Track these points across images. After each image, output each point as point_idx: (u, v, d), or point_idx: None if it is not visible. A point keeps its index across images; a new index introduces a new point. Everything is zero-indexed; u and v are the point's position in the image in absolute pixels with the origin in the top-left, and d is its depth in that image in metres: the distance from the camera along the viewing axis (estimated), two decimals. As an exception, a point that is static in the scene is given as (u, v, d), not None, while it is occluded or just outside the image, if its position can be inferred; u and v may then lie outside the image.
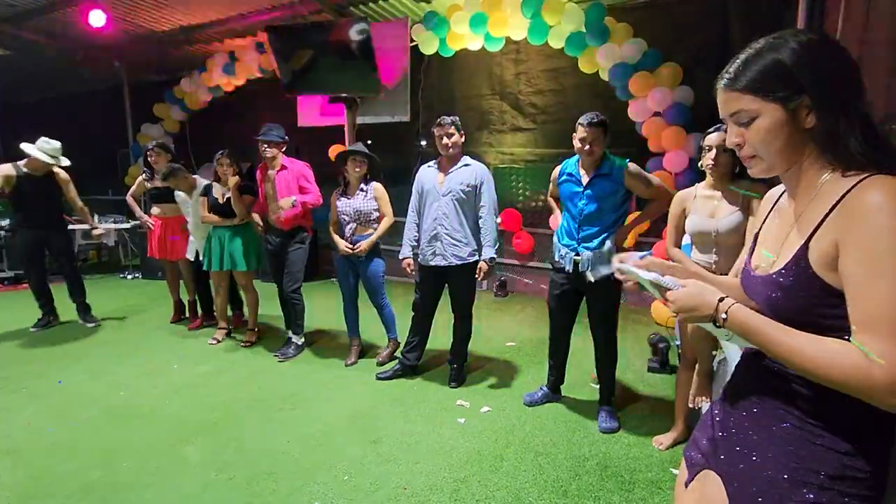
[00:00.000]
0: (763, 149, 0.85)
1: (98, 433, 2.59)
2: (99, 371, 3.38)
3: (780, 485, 0.85)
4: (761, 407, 0.92)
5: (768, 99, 0.82)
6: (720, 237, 2.09)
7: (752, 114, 0.84)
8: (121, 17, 5.40)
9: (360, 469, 2.28)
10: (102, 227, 6.18)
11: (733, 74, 0.86)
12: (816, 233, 0.81)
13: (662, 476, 2.22)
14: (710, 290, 0.89)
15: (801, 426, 0.85)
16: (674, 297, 0.91)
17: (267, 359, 3.61)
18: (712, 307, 0.86)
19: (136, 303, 5.15)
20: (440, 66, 5.73)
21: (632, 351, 3.71)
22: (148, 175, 4.19)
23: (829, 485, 0.81)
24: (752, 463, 0.90)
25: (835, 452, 0.81)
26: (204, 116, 7.01)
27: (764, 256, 0.93)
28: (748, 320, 0.83)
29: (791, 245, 0.86)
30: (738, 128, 0.87)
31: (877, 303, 0.72)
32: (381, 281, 3.39)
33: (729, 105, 0.87)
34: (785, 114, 0.81)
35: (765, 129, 0.83)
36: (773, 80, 0.81)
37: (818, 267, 0.80)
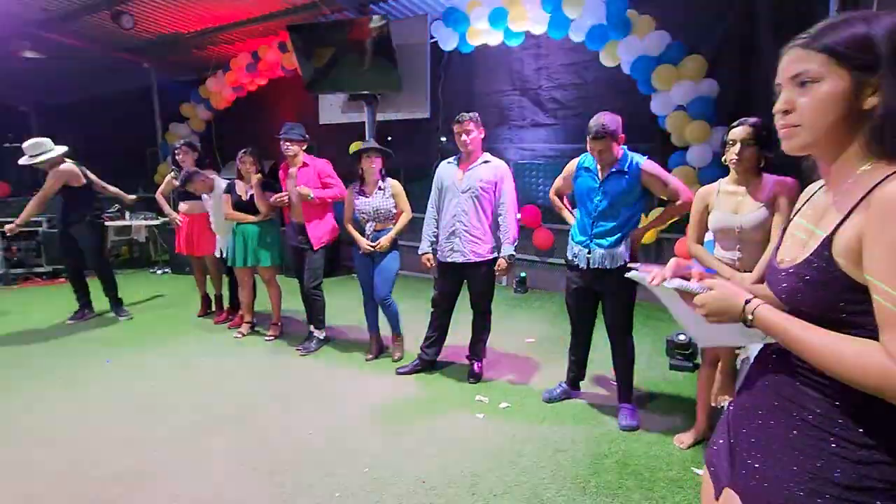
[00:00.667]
0: (812, 118, 0.80)
1: (128, 422, 2.69)
2: (129, 362, 3.51)
3: (796, 497, 0.82)
4: (773, 415, 0.90)
5: (840, 64, 0.77)
6: (744, 233, 2.05)
7: (817, 76, 0.78)
8: (149, 20, 5.56)
9: (380, 461, 2.32)
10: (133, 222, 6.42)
11: (814, 34, 0.80)
12: (842, 225, 0.78)
13: (684, 475, 2.19)
14: (737, 291, 0.88)
15: (813, 434, 0.83)
16: (702, 300, 0.91)
17: (289, 353, 3.69)
18: (739, 308, 0.86)
19: (165, 297, 5.32)
20: (460, 62, 5.72)
21: (653, 348, 3.66)
22: (176, 173, 4.31)
23: (846, 496, 0.78)
24: (766, 475, 0.88)
25: (849, 462, 0.79)
26: (229, 115, 7.17)
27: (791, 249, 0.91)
28: (775, 320, 0.82)
29: (818, 237, 0.83)
30: (793, 92, 0.82)
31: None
32: (394, 277, 3.42)
33: (795, 65, 0.81)
34: (850, 85, 0.77)
35: (822, 95, 0.78)
36: (853, 48, 0.76)
37: (841, 260, 0.78)
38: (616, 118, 2.40)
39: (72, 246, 4.29)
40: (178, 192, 4.35)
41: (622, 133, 2.42)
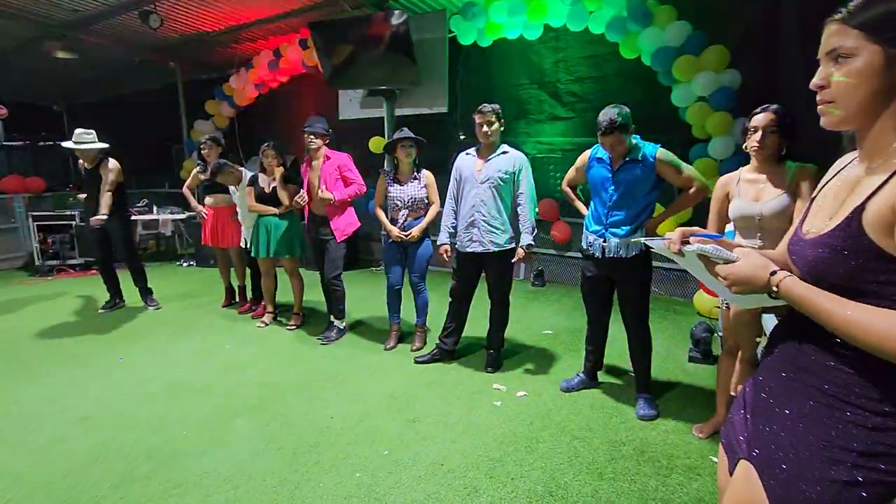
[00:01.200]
0: (846, 94, 0.81)
1: (158, 405, 2.80)
2: (158, 350, 3.64)
3: (813, 466, 0.84)
4: (790, 384, 0.91)
5: (873, 39, 0.78)
6: (764, 221, 2.03)
7: (851, 51, 0.80)
8: (175, 20, 5.71)
9: (398, 445, 2.37)
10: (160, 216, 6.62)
11: (853, 9, 0.81)
12: (875, 195, 0.79)
13: (701, 463, 2.19)
14: (764, 262, 0.89)
15: (828, 403, 0.84)
16: (728, 270, 0.92)
17: (310, 342, 3.78)
18: (765, 279, 0.87)
19: (191, 288, 5.48)
20: (478, 56, 5.74)
21: (672, 341, 3.64)
22: (202, 168, 4.44)
23: (861, 462, 0.80)
24: (782, 446, 0.89)
25: (864, 429, 0.80)
26: (251, 112, 7.32)
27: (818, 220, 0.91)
28: (801, 291, 0.83)
29: (848, 207, 0.84)
30: (829, 67, 0.83)
31: None
32: (426, 264, 3.48)
33: (832, 39, 0.82)
34: (884, 59, 0.77)
35: (857, 69, 0.79)
36: (887, 23, 0.77)
37: (871, 229, 0.78)
38: (624, 109, 2.36)
39: (104, 239, 4.45)
40: (203, 186, 4.48)
41: (632, 123, 2.41)
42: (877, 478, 0.80)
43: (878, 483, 0.80)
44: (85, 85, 8.40)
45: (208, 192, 4.44)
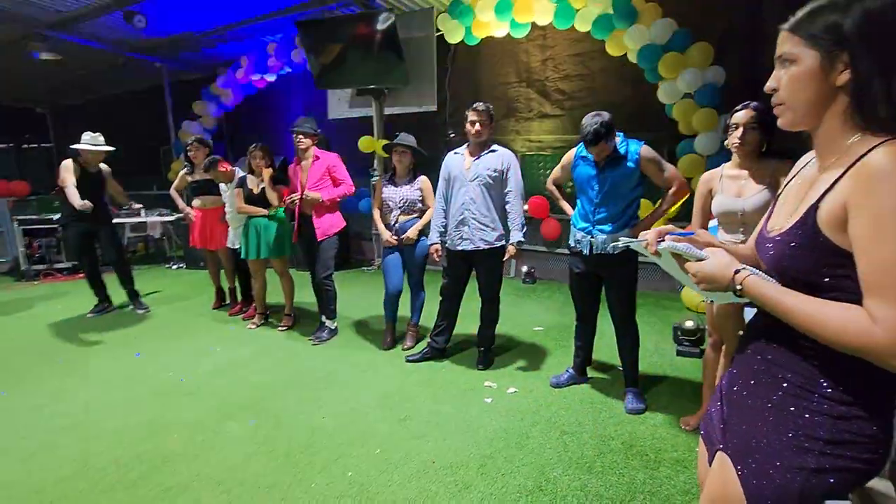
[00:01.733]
0: (791, 96, 0.86)
1: (148, 409, 2.79)
2: (148, 353, 3.62)
3: (782, 455, 0.87)
4: (760, 375, 0.95)
5: (809, 44, 0.83)
6: (747, 216, 2.07)
7: (792, 57, 0.85)
8: (160, 20, 5.66)
9: (390, 444, 2.39)
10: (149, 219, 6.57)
11: (797, 19, 0.86)
12: (828, 194, 0.82)
13: (688, 455, 2.23)
14: (729, 261, 0.92)
15: (795, 393, 0.87)
16: (696, 268, 0.95)
17: (302, 342, 3.78)
18: (729, 277, 0.90)
19: (181, 291, 5.45)
20: (466, 54, 5.75)
21: (660, 336, 3.68)
22: (189, 169, 4.42)
23: (828, 450, 0.83)
24: (755, 436, 0.92)
25: (830, 417, 0.83)
26: (239, 112, 7.29)
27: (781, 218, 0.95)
28: (763, 289, 0.86)
29: (805, 205, 0.87)
30: (779, 72, 0.88)
31: (878, 266, 0.74)
32: (424, 263, 3.50)
33: (780, 46, 0.88)
34: (819, 63, 0.82)
35: (797, 75, 0.84)
36: (823, 30, 0.81)
37: (825, 227, 0.81)
38: (605, 116, 2.35)
39: (89, 244, 4.42)
40: (191, 188, 4.45)
41: (614, 125, 2.41)
42: (843, 465, 0.83)
43: (844, 470, 0.83)
44: (69, 86, 8.29)
45: (196, 193, 4.42)
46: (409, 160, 3.41)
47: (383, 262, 3.56)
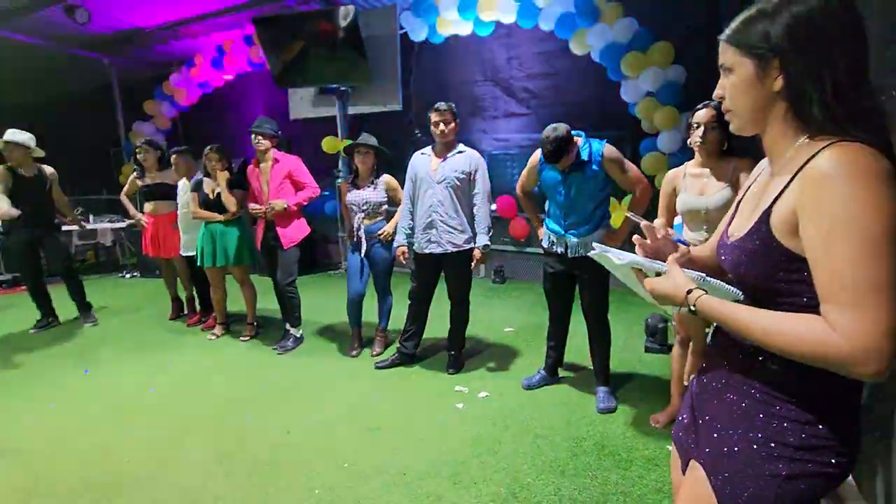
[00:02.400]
0: (735, 104, 0.88)
1: (98, 430, 2.61)
2: (99, 369, 3.40)
3: (755, 462, 0.86)
4: (728, 383, 0.94)
5: (744, 53, 0.84)
6: (710, 214, 2.09)
7: (731, 66, 0.86)
8: (106, 15, 5.35)
9: (359, 456, 2.30)
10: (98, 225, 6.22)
11: (732, 29, 0.87)
12: (779, 198, 0.81)
13: (659, 453, 2.24)
14: (682, 282, 0.90)
15: (764, 400, 0.87)
16: (650, 286, 0.95)
17: (266, 352, 3.63)
18: (681, 299, 0.89)
19: (135, 301, 5.16)
20: (431, 53, 5.68)
21: (629, 332, 3.72)
22: (139, 173, 4.19)
23: (798, 456, 0.82)
24: (726, 443, 0.91)
25: (798, 423, 0.83)
26: (196, 112, 6.98)
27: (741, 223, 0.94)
28: (716, 308, 0.85)
29: (757, 212, 0.87)
30: (723, 80, 0.89)
31: (832, 272, 0.73)
32: (391, 267, 3.41)
33: (720, 56, 0.89)
34: (755, 71, 0.83)
35: (735, 83, 0.86)
36: (756, 41, 0.82)
37: (778, 232, 0.81)
38: (561, 128, 2.32)
39: (31, 253, 4.13)
40: (142, 193, 4.23)
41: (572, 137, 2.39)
42: (814, 470, 0.82)
43: (815, 475, 0.83)
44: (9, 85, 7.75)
45: (148, 198, 4.19)
46: (371, 161, 3.31)
47: (347, 266, 3.46)
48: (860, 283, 0.70)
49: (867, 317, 0.69)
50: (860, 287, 0.70)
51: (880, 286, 0.69)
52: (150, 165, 4.13)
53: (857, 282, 0.70)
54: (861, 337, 0.70)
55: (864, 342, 0.69)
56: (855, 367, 0.71)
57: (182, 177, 3.97)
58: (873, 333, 0.69)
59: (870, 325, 0.69)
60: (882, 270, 0.69)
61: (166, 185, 4.15)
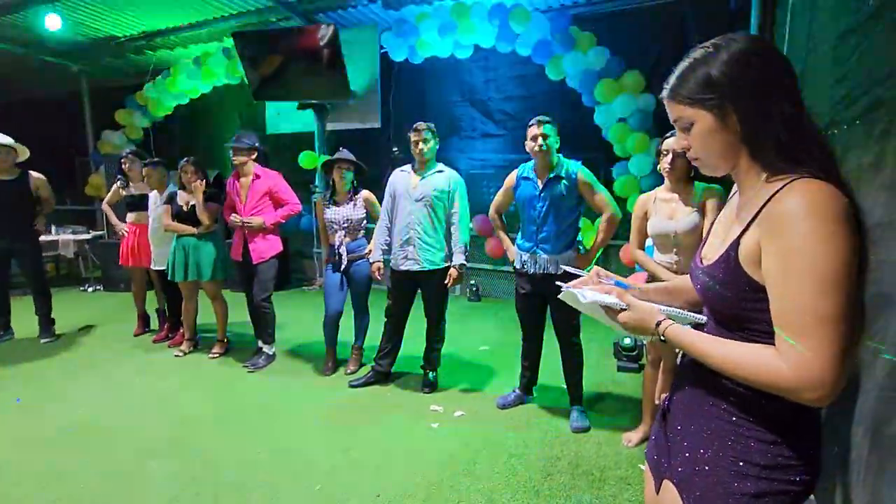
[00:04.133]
0: (702, 152, 0.90)
1: (54, 454, 2.47)
2: (56, 389, 3.23)
3: (725, 482, 0.89)
4: (699, 403, 0.97)
5: (700, 107, 0.86)
6: (679, 238, 2.16)
7: (690, 120, 0.88)
8: (79, 21, 5.24)
9: (331, 478, 2.25)
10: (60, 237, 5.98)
11: (671, 86, 0.90)
12: (746, 231, 0.86)
13: (631, 472, 2.26)
14: (650, 312, 0.97)
15: (732, 421, 0.90)
16: (623, 318, 1.00)
17: (236, 370, 3.53)
18: (651, 330, 0.95)
19: (98, 316, 4.95)
20: (411, 72, 5.75)
21: (601, 352, 3.77)
22: (123, 183, 4.13)
23: (765, 475, 0.86)
24: (698, 464, 0.94)
25: (764, 444, 0.86)
26: (170, 124, 6.85)
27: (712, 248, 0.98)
28: (683, 338, 0.91)
29: (727, 241, 0.91)
30: (683, 133, 0.92)
31: (785, 304, 0.78)
32: (370, 285, 3.38)
33: (672, 114, 0.92)
34: (716, 121, 0.86)
35: (700, 134, 0.88)
36: (703, 91, 0.85)
37: (744, 262, 0.85)
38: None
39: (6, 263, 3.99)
40: (126, 203, 4.16)
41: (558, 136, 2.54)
42: (780, 488, 0.86)
43: (781, 493, 0.86)
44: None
45: (131, 209, 4.13)
46: (351, 177, 3.30)
47: (325, 283, 3.42)
48: (809, 315, 0.75)
49: (813, 346, 0.74)
50: (808, 318, 0.75)
51: (826, 319, 0.74)
52: (136, 176, 4.06)
53: (806, 313, 0.75)
54: (805, 365, 0.75)
55: (808, 371, 0.75)
56: (800, 393, 0.76)
57: (154, 189, 3.89)
58: (817, 362, 0.74)
59: (814, 355, 0.74)
60: (830, 305, 0.74)
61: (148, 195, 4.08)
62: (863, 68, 1.58)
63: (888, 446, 1.29)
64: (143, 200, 4.02)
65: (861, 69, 1.59)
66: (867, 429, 1.40)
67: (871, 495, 1.36)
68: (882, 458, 1.31)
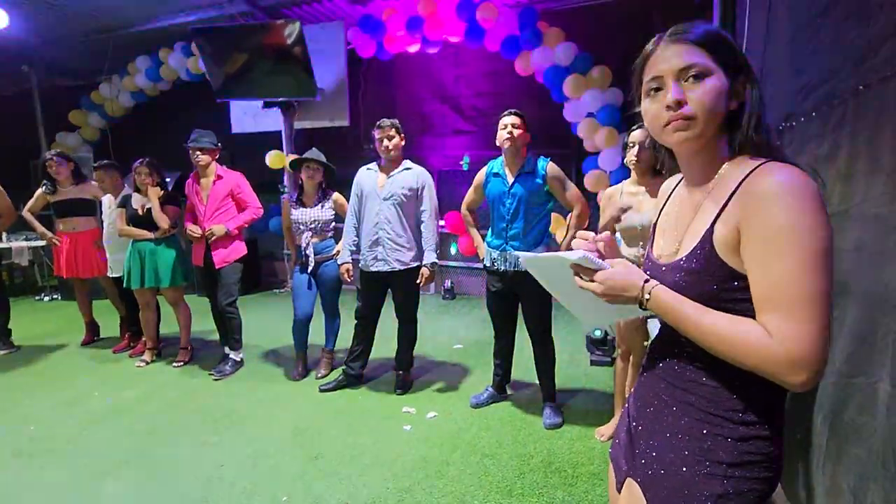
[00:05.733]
0: (702, 109, 0.81)
1: (5, 472, 2.32)
2: (4, 404, 3.05)
3: (691, 482, 0.86)
4: (664, 402, 0.94)
5: (719, 62, 0.82)
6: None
7: (707, 70, 0.81)
8: (26, 18, 4.96)
9: (299, 487, 2.17)
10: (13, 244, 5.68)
11: (689, 29, 0.83)
12: (720, 217, 0.82)
13: (604, 468, 2.26)
14: (637, 272, 0.89)
15: (700, 418, 0.87)
16: (603, 276, 0.89)
17: (201, 378, 3.40)
18: (638, 288, 0.86)
19: (54, 326, 4.73)
20: (380, 69, 5.67)
21: (574, 346, 3.79)
22: (50, 188, 3.82)
23: (731, 472, 0.83)
24: (662, 461, 0.91)
25: (731, 440, 0.84)
26: (128, 124, 6.58)
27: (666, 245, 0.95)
28: (669, 300, 0.84)
29: (695, 231, 0.87)
30: (685, 83, 0.82)
31: (772, 283, 0.75)
32: (340, 286, 3.30)
33: (682, 57, 0.82)
34: (727, 83, 0.82)
35: (713, 87, 0.81)
36: (725, 49, 0.83)
37: (722, 250, 0.82)
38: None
39: None
40: (55, 209, 3.88)
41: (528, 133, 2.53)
42: (746, 487, 0.83)
43: (747, 492, 0.83)
44: None
45: (61, 215, 3.86)
46: (319, 178, 3.22)
47: (292, 285, 3.32)
48: (796, 294, 0.73)
49: (801, 327, 0.72)
50: (796, 298, 0.73)
51: (814, 298, 0.72)
52: (64, 179, 3.80)
53: (793, 293, 0.73)
54: (793, 345, 0.72)
55: (797, 350, 0.72)
56: (786, 374, 0.73)
57: (107, 192, 3.71)
58: (808, 342, 0.72)
59: (803, 335, 0.72)
60: (817, 283, 0.72)
61: (83, 199, 3.86)
62: (818, 61, 1.59)
63: (845, 433, 1.30)
64: (75, 205, 3.82)
65: (816, 62, 1.61)
66: (826, 416, 1.41)
67: (829, 480, 1.37)
68: (839, 444, 1.33)
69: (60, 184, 3.82)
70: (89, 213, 3.88)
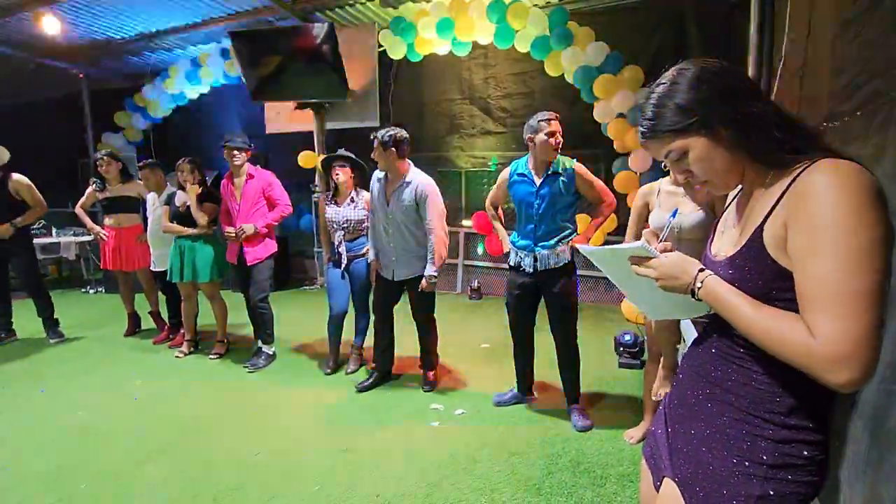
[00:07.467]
0: (708, 174, 0.88)
1: (52, 455, 2.47)
2: (55, 390, 3.23)
3: (729, 482, 0.86)
4: (704, 401, 0.94)
5: (687, 134, 0.86)
6: (683, 233, 2.13)
7: (682, 150, 0.88)
8: (78, 24, 5.24)
9: (331, 478, 2.23)
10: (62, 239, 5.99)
11: (648, 127, 0.90)
12: (770, 215, 0.83)
13: (633, 470, 2.24)
14: (693, 261, 0.92)
15: (739, 417, 0.87)
16: (658, 263, 0.93)
17: (236, 370, 3.52)
18: (691, 275, 0.89)
19: (99, 318, 4.97)
20: (409, 71, 5.74)
21: (603, 348, 3.76)
22: (100, 185, 4.07)
23: (771, 474, 0.83)
24: (701, 463, 0.91)
25: (772, 442, 0.83)
26: (169, 125, 6.85)
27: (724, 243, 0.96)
28: (720, 290, 0.86)
29: (748, 230, 0.89)
30: (679, 165, 0.90)
31: (815, 280, 0.75)
32: (370, 283, 3.34)
33: (659, 150, 0.91)
34: (709, 140, 0.85)
35: (699, 158, 0.87)
36: (683, 117, 0.85)
37: (771, 248, 0.82)
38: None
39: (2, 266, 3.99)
40: (103, 206, 4.12)
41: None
42: (787, 489, 0.83)
43: (788, 494, 0.83)
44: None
45: (109, 211, 4.09)
46: (345, 177, 3.27)
47: (327, 282, 3.40)
48: (841, 291, 0.72)
49: (845, 325, 0.71)
50: (840, 295, 0.72)
51: (859, 295, 0.71)
52: (113, 177, 4.03)
53: (838, 290, 0.72)
54: (833, 344, 0.71)
55: (837, 349, 0.71)
56: (827, 373, 0.72)
57: (152, 190, 3.88)
58: (849, 341, 0.71)
59: (843, 333, 0.71)
60: (863, 281, 0.71)
61: (129, 197, 4.07)
62: (862, 59, 1.55)
63: (887, 441, 1.27)
64: (123, 203, 4.03)
65: (861, 60, 1.57)
66: (866, 423, 1.38)
67: (870, 490, 1.34)
68: (881, 452, 1.29)
69: (109, 182, 4.05)
70: (133, 210, 4.08)
